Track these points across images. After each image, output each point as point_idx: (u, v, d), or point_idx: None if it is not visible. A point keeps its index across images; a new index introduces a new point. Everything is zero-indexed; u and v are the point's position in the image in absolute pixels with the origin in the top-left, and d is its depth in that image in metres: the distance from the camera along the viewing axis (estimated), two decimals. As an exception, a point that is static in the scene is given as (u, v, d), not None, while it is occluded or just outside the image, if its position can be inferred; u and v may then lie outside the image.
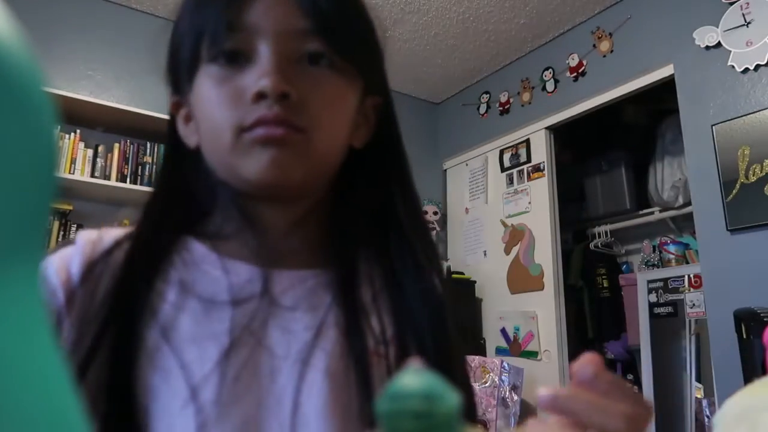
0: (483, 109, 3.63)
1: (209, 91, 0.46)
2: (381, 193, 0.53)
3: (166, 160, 0.55)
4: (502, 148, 3.46)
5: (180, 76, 0.50)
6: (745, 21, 2.31)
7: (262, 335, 0.45)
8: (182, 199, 0.52)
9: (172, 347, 0.43)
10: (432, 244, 0.55)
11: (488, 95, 3.61)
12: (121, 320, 0.44)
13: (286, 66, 0.45)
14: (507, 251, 3.29)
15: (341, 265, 0.50)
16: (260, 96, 0.44)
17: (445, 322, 0.50)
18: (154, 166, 2.69)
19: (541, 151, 3.22)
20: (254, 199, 0.49)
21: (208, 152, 0.49)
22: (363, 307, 0.48)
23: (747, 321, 1.96)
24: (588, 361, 0.31)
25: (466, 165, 3.71)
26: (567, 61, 3.11)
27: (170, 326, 0.44)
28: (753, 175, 2.21)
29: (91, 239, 0.49)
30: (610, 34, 2.90)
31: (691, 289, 2.77)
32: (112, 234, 0.50)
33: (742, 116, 2.28)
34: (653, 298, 2.92)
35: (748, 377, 1.94)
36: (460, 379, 0.48)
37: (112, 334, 0.43)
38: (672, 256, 3.07)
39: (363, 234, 0.52)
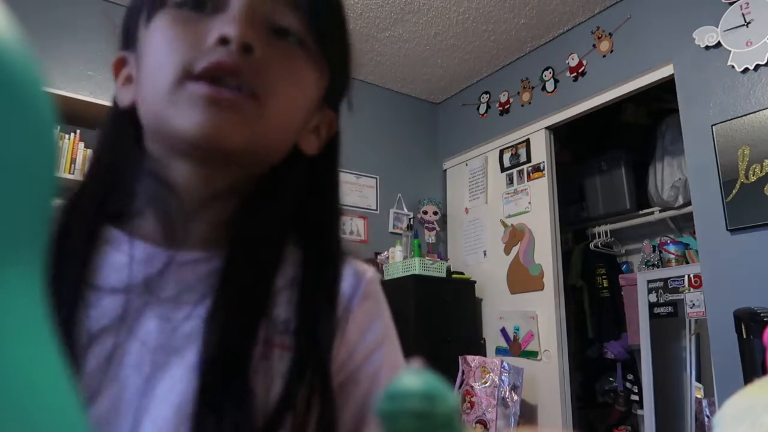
0: (483, 109, 3.63)
1: (163, 32, 0.42)
2: (307, 199, 0.50)
3: (103, 135, 0.49)
4: (502, 148, 3.47)
5: (137, 24, 0.45)
6: (745, 21, 2.31)
7: (135, 324, 0.41)
8: (109, 182, 0.46)
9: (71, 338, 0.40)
10: (337, 263, 0.50)
11: (488, 95, 3.61)
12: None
13: (256, 21, 0.42)
14: (507, 251, 3.30)
15: (239, 251, 0.44)
16: (223, 41, 0.40)
17: (327, 324, 0.45)
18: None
19: (541, 151, 3.22)
20: (180, 158, 0.43)
21: (142, 103, 0.44)
22: (256, 298, 0.43)
23: (747, 321, 1.96)
24: None
25: (466, 165, 3.71)
26: (567, 61, 3.11)
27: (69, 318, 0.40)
28: (753, 175, 2.21)
29: None
30: (610, 34, 2.90)
31: (691, 289, 2.77)
32: None
33: (742, 116, 2.29)
34: (653, 298, 2.92)
35: (748, 377, 1.94)
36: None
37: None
38: (672, 256, 3.07)
39: (277, 229, 0.47)
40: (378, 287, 0.52)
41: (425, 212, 3.71)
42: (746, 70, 2.30)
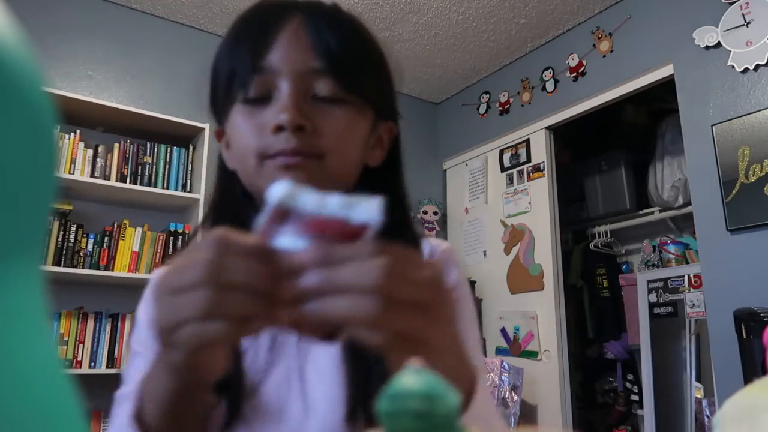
0: (483, 109, 3.63)
1: (240, 124, 0.57)
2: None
3: (217, 182, 0.65)
4: (501, 148, 3.47)
5: (219, 110, 0.61)
6: (745, 21, 2.31)
7: None
8: (229, 217, 0.61)
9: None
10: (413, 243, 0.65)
11: (488, 95, 3.61)
12: None
13: (301, 102, 0.54)
14: (507, 251, 3.30)
15: None
16: (279, 128, 0.53)
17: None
18: (154, 166, 2.69)
19: (541, 151, 3.22)
20: None
21: (240, 174, 0.59)
22: None
23: (747, 321, 1.96)
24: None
25: (466, 165, 3.71)
26: (567, 61, 3.11)
27: None
28: (753, 175, 2.21)
29: None
30: (610, 34, 2.90)
31: (691, 289, 2.77)
32: None
33: (742, 116, 2.29)
34: (653, 298, 2.92)
35: (748, 377, 1.94)
36: None
37: None
38: (672, 256, 3.07)
39: None
40: (451, 255, 0.65)
41: (425, 212, 3.71)
42: (746, 70, 2.30)
